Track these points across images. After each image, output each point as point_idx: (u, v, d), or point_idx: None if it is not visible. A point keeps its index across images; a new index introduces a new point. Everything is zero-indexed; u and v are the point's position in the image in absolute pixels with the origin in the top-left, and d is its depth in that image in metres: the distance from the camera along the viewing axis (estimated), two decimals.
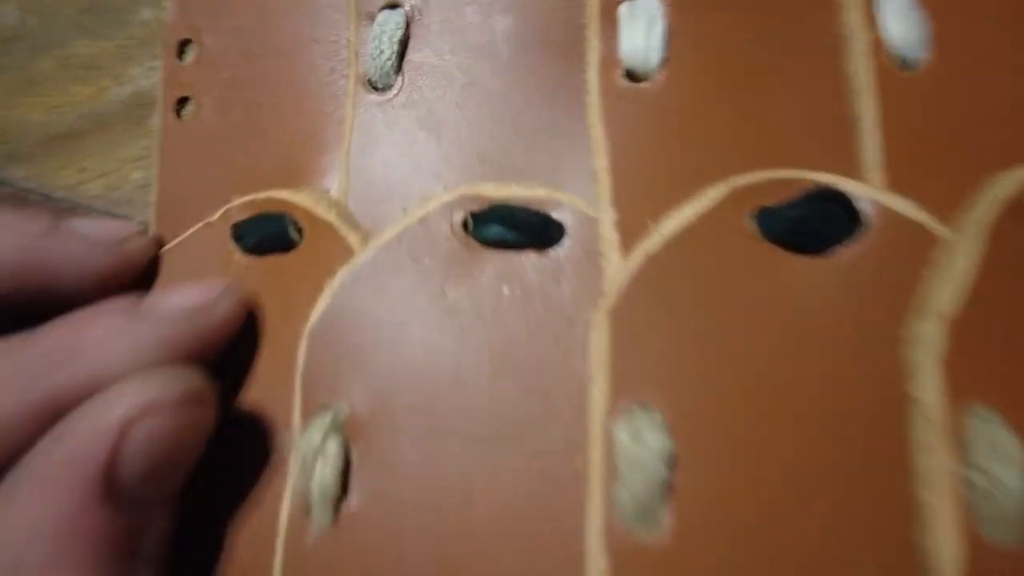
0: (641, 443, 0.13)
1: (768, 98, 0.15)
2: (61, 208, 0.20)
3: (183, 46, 0.19)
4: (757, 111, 0.15)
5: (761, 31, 0.15)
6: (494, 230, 0.15)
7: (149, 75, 0.21)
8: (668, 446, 0.13)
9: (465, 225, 0.15)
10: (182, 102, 0.19)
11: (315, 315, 0.15)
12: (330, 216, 0.16)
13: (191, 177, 0.18)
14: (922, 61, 0.15)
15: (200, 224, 0.17)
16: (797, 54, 0.15)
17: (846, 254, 0.14)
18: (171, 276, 0.17)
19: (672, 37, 0.15)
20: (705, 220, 0.14)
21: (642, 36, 0.15)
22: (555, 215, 0.15)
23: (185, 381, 0.14)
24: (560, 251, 0.15)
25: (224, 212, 0.17)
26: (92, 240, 0.16)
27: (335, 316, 0.15)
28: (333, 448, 0.14)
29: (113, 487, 0.13)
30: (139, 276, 0.17)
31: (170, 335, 0.15)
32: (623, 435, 0.13)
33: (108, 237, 0.17)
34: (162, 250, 0.18)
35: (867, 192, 0.14)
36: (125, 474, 0.13)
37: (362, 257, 0.15)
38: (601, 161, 0.15)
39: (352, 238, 0.15)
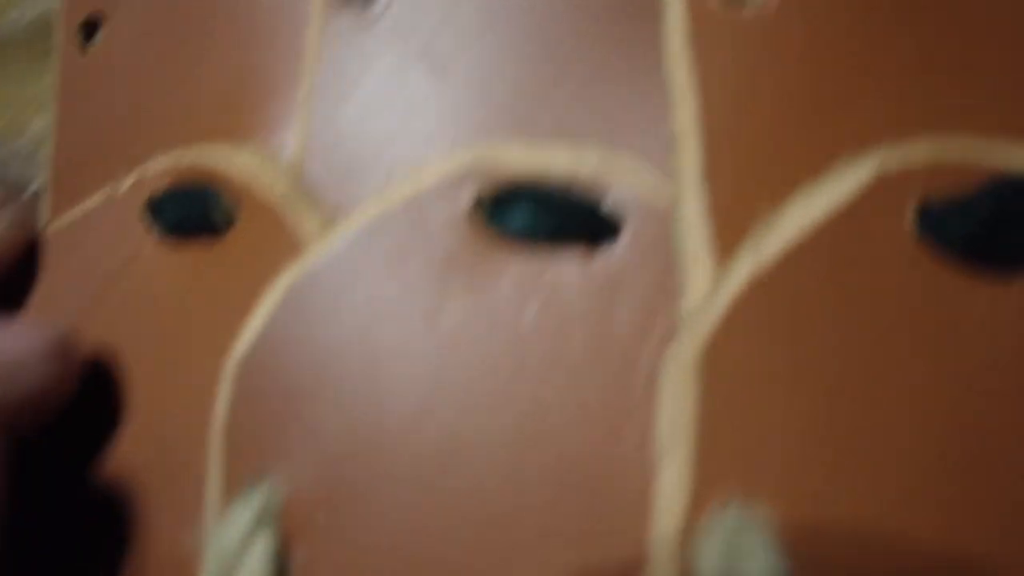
0: (742, 563, 0.09)
1: (925, 33, 0.10)
2: None
3: None
4: (910, 53, 0.10)
5: None
6: (520, 217, 0.10)
7: None
8: (782, 570, 0.09)
9: (478, 208, 0.10)
10: (89, 27, 0.14)
11: (247, 337, 0.10)
12: (275, 189, 0.11)
13: (99, 127, 0.13)
14: None
15: (103, 194, 0.13)
16: None
17: None
18: (61, 267, 0.12)
19: None
20: (846, 219, 0.09)
21: None
22: (610, 197, 0.10)
23: None
24: (616, 252, 0.10)
25: (136, 181, 0.12)
26: None
27: (277, 340, 0.10)
28: (263, 539, 0.10)
29: None
30: (13, 270, 0.12)
31: None
32: (713, 550, 0.09)
33: None
34: (52, 229, 0.13)
35: None
36: None
37: (321, 252, 0.10)
38: (685, 118, 0.10)
39: (307, 221, 0.11)
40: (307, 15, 0.11)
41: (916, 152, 0.09)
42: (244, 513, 0.09)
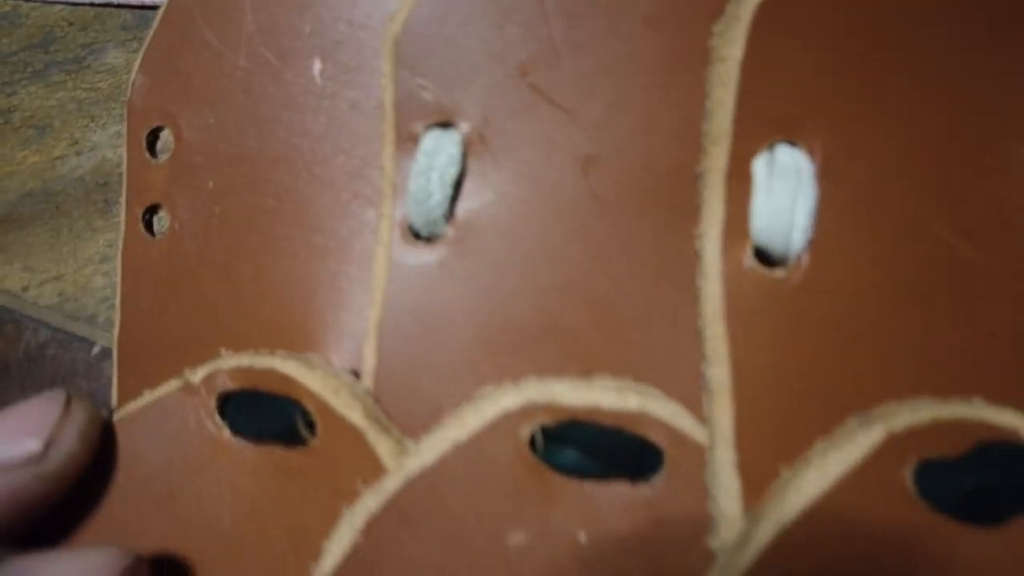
0: None
1: (941, 300, 0.11)
2: (2, 323, 0.16)
3: (154, 135, 0.15)
4: (918, 324, 0.11)
5: (941, 203, 0.11)
6: (571, 457, 0.11)
7: (116, 143, 0.17)
8: None
9: (533, 443, 0.12)
10: (152, 210, 0.15)
11: (331, 556, 0.12)
12: (354, 414, 0.12)
13: (164, 313, 0.14)
14: None
15: (173, 387, 0.14)
16: (980, 241, 0.12)
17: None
18: (132, 462, 0.13)
19: (821, 208, 0.11)
20: (856, 479, 0.11)
21: (786, 206, 0.11)
22: (651, 434, 0.11)
23: None
24: (657, 486, 0.11)
25: (208, 377, 0.13)
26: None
27: (361, 563, 0.12)
28: None
29: None
30: (82, 472, 0.13)
31: None
32: None
33: (17, 453, 0.12)
34: (121, 416, 0.14)
35: None
36: None
37: (395, 482, 0.12)
38: (719, 373, 0.11)
39: (382, 446, 0.12)
40: (374, 237, 0.13)
41: (919, 413, 0.11)
42: None
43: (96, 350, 0.15)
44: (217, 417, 0.13)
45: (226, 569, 0.12)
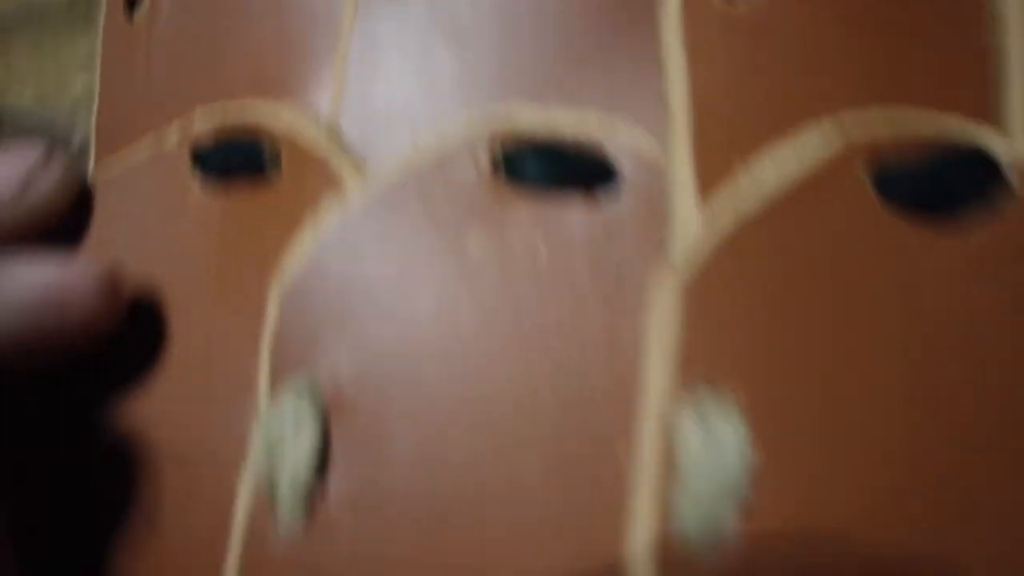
0: (711, 436, 0.10)
1: (893, 21, 0.12)
2: None
3: None
4: (877, 36, 0.12)
5: None
6: (531, 168, 0.12)
7: None
8: (745, 441, 0.10)
9: (494, 165, 0.12)
10: None
11: (294, 266, 0.12)
12: (317, 139, 0.12)
13: (142, 85, 0.15)
14: None
15: (148, 147, 0.14)
16: None
17: (983, 234, 0.11)
18: (110, 216, 0.14)
19: None
20: (814, 179, 0.11)
21: None
22: (609, 151, 0.12)
23: None
24: (615, 197, 0.12)
25: (181, 136, 0.14)
26: None
27: (320, 270, 0.12)
28: (309, 423, 0.11)
29: None
30: (58, 220, 0.14)
31: None
32: (688, 425, 0.11)
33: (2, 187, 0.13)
34: (99, 180, 0.14)
35: (1011, 152, 0.11)
36: None
37: (359, 199, 0.12)
38: (677, 90, 0.12)
39: (345, 172, 0.12)
40: None
41: (873, 121, 0.11)
42: (295, 395, 0.11)
43: (75, 149, 0.16)
44: (189, 172, 0.13)
45: (194, 295, 0.13)
